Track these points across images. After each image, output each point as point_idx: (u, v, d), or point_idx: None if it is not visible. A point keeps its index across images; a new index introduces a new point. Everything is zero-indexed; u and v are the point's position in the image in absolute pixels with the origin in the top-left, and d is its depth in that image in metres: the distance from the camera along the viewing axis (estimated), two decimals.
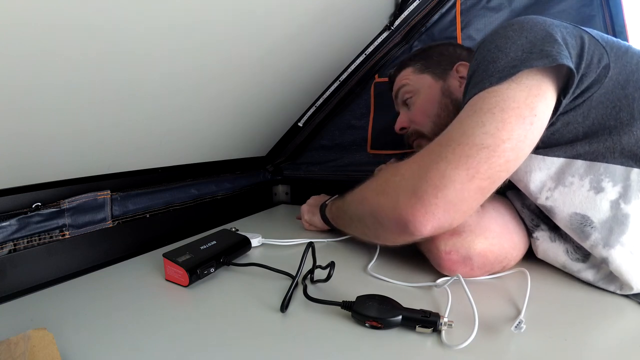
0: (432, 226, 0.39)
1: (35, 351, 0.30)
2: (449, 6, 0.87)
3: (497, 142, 0.38)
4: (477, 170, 0.38)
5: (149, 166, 0.70)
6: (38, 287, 0.50)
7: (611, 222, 0.41)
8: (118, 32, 0.42)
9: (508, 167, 0.39)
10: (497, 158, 0.38)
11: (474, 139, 0.38)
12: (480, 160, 0.38)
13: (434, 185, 0.38)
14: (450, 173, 0.38)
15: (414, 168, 0.42)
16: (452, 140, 0.40)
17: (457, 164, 0.38)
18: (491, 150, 0.38)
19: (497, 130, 0.38)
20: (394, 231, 0.44)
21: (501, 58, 0.41)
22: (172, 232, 0.72)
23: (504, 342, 0.35)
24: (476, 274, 0.48)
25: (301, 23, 0.67)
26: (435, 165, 0.39)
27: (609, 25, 0.74)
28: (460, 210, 0.40)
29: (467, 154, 0.38)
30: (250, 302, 0.44)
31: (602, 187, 0.42)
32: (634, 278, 0.41)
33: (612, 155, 0.42)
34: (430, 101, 0.64)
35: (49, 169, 0.53)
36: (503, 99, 0.39)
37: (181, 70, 0.55)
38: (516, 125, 0.38)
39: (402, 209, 0.41)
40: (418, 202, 0.39)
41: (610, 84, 0.42)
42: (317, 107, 1.01)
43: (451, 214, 0.39)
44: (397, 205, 0.41)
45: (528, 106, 0.39)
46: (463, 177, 0.38)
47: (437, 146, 0.41)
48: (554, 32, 0.41)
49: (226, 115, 0.75)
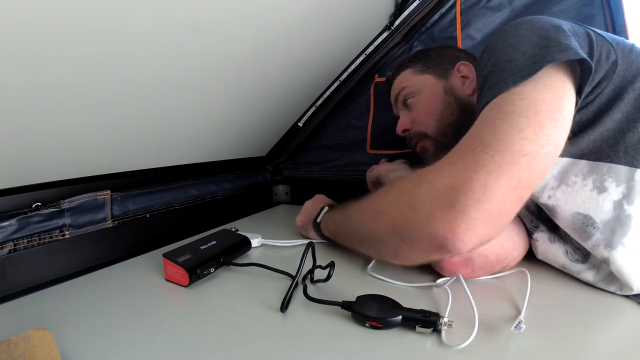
0: (473, 243, 0.36)
1: (35, 351, 0.30)
2: (449, 6, 0.87)
3: (537, 148, 0.35)
4: (519, 180, 0.35)
5: (149, 166, 0.70)
6: (38, 287, 0.50)
7: (614, 223, 0.41)
8: (118, 31, 0.42)
9: (545, 174, 0.37)
10: (537, 165, 0.36)
11: (514, 145, 0.35)
12: (522, 169, 0.35)
13: (476, 198, 0.34)
14: (493, 184, 0.34)
15: (447, 177, 0.37)
16: (489, 147, 0.36)
17: (499, 173, 0.35)
18: (531, 157, 0.35)
19: (535, 135, 0.35)
20: (425, 249, 0.39)
21: (518, 56, 0.39)
22: (172, 232, 0.72)
23: (503, 342, 0.35)
24: (477, 274, 0.48)
25: (301, 23, 0.67)
26: (474, 175, 0.35)
27: (609, 25, 0.74)
28: (501, 223, 0.37)
29: (508, 162, 0.35)
30: (250, 302, 0.44)
31: (605, 187, 0.42)
32: (635, 279, 0.41)
33: (616, 154, 0.41)
34: (434, 100, 0.63)
35: (49, 169, 0.53)
36: (533, 102, 0.37)
37: (181, 70, 0.55)
38: (551, 130, 0.36)
39: (439, 225, 0.36)
40: (458, 216, 0.35)
41: (617, 79, 0.41)
42: (317, 107, 1.01)
43: (493, 229, 0.36)
44: (430, 221, 0.37)
45: (557, 108, 0.37)
46: (506, 187, 0.35)
47: (471, 152, 0.37)
48: (564, 27, 0.41)
49: (226, 115, 0.75)
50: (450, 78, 0.64)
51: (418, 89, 0.66)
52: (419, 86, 0.66)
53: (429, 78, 0.65)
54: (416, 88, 0.66)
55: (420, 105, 0.65)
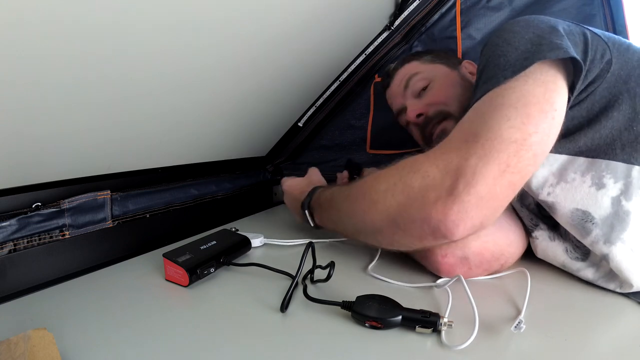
0: (464, 226, 0.38)
1: (35, 351, 0.30)
2: (449, 6, 0.87)
3: (525, 135, 0.37)
4: (507, 165, 0.37)
5: (149, 166, 0.70)
6: (38, 287, 0.49)
7: (612, 219, 0.41)
8: (117, 31, 0.42)
9: (536, 161, 0.39)
10: (526, 152, 0.37)
11: (501, 134, 0.37)
12: (510, 155, 0.37)
13: (466, 181, 0.37)
14: (482, 169, 0.37)
15: (441, 165, 0.39)
16: (478, 136, 0.38)
17: (488, 159, 0.37)
18: (519, 144, 0.37)
19: (523, 124, 0.37)
20: (420, 235, 0.41)
21: (511, 52, 0.41)
22: (172, 232, 0.72)
23: (503, 342, 0.35)
24: (475, 273, 0.48)
25: (301, 23, 0.67)
26: (465, 162, 0.37)
27: (609, 24, 0.74)
28: (492, 206, 0.38)
29: (497, 148, 0.37)
30: (250, 302, 0.44)
31: (603, 184, 0.42)
32: (634, 276, 0.41)
33: (613, 152, 0.42)
34: (452, 83, 0.64)
35: (49, 169, 0.53)
36: (523, 95, 0.38)
37: (181, 70, 0.55)
38: (540, 120, 0.38)
39: (432, 209, 0.38)
40: (450, 199, 0.37)
41: (612, 78, 0.42)
42: (317, 107, 1.01)
43: (483, 211, 0.38)
44: (424, 206, 0.39)
45: (547, 101, 0.38)
46: (495, 172, 0.37)
47: (462, 142, 0.39)
48: (559, 27, 0.42)
49: (226, 115, 0.75)
50: (461, 69, 0.66)
51: (431, 76, 0.66)
52: (431, 73, 0.66)
53: (441, 67, 0.66)
54: (429, 75, 0.66)
55: (437, 87, 0.64)
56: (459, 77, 0.64)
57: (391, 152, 0.95)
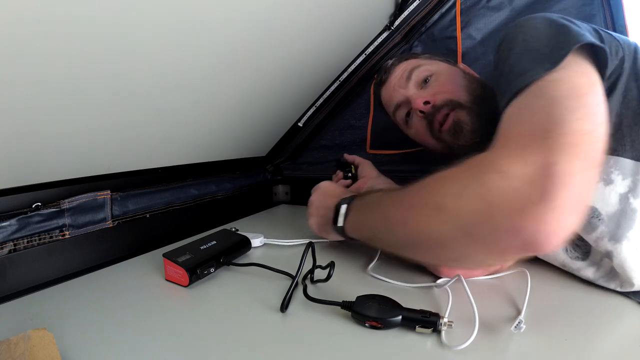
0: (562, 235, 0.31)
1: (35, 351, 0.30)
2: (449, 6, 0.87)
3: (593, 126, 0.34)
4: (586, 158, 0.32)
5: (149, 166, 0.70)
6: (38, 287, 0.50)
7: (619, 216, 0.41)
8: (117, 31, 0.42)
9: (603, 151, 0.35)
10: (597, 143, 0.34)
11: (571, 126, 0.33)
12: (587, 148, 0.33)
13: (559, 182, 0.30)
14: (570, 166, 0.31)
15: (522, 164, 0.32)
16: (549, 131, 0.33)
17: (571, 155, 0.31)
18: (591, 135, 0.33)
19: (587, 115, 0.34)
20: (506, 248, 0.33)
21: (543, 46, 0.40)
22: (172, 232, 0.72)
23: (503, 342, 0.35)
24: (475, 273, 0.48)
25: (301, 23, 0.67)
26: (549, 160, 0.31)
27: (609, 24, 0.74)
28: (583, 207, 0.32)
29: (575, 142, 0.32)
30: (250, 302, 0.44)
31: (611, 180, 0.42)
32: (637, 274, 0.41)
33: (622, 148, 0.42)
34: (456, 75, 0.63)
35: (49, 169, 0.53)
36: (572, 86, 0.36)
37: (181, 70, 0.55)
38: (597, 110, 0.35)
39: (523, 218, 0.31)
40: (544, 205, 0.30)
41: (624, 76, 0.42)
42: (317, 107, 1.01)
43: (578, 215, 0.32)
44: (511, 214, 0.31)
45: (594, 92, 0.37)
46: (579, 168, 0.31)
47: (530, 139, 0.33)
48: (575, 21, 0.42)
49: (226, 115, 0.75)
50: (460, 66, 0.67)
51: (434, 69, 0.65)
52: (434, 66, 0.66)
53: (443, 64, 0.66)
54: (432, 68, 0.65)
55: (443, 78, 0.63)
56: (461, 71, 0.65)
57: (391, 152, 0.95)
